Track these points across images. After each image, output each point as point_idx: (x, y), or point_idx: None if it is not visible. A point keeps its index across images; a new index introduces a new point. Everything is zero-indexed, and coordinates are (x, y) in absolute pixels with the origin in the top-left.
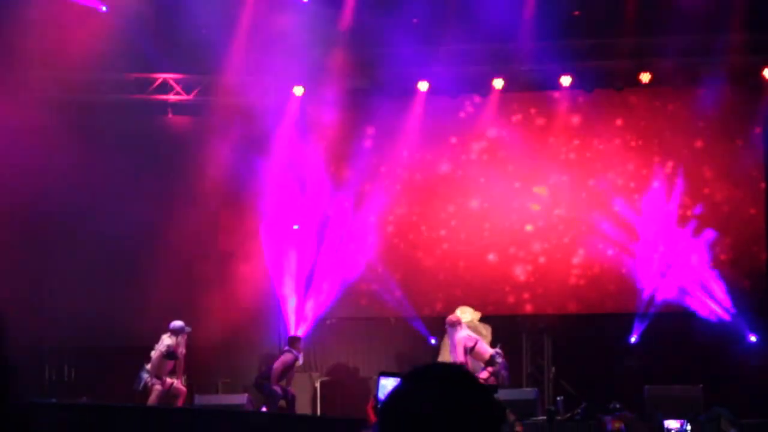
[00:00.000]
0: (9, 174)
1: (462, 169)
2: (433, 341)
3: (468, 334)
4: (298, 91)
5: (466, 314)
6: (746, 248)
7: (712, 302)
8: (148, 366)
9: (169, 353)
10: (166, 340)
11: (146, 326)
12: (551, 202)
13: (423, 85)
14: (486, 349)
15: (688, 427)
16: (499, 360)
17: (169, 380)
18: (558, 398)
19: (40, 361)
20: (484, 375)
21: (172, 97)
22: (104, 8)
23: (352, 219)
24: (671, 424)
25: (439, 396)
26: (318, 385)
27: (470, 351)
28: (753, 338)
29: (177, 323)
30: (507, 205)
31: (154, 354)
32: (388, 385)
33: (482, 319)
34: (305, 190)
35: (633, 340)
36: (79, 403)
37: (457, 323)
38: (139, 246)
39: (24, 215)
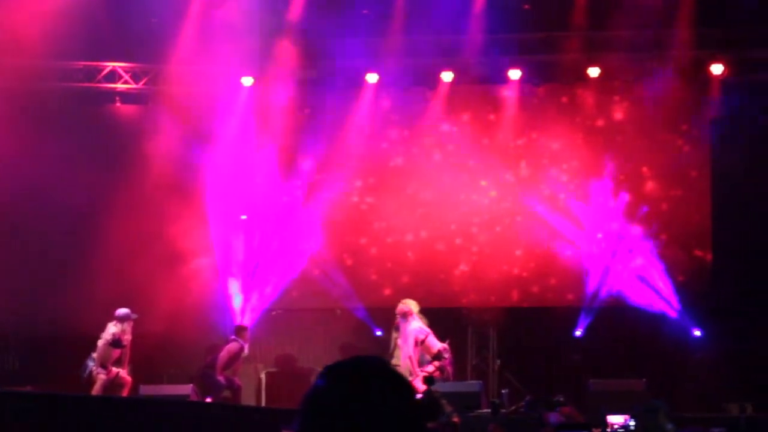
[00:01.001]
0: None
1: (412, 161)
2: (378, 333)
3: (420, 326)
4: (247, 81)
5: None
6: (690, 244)
7: (657, 297)
8: (95, 354)
9: (115, 341)
10: (111, 328)
11: (92, 315)
12: (498, 195)
13: (372, 77)
14: (435, 344)
15: (632, 423)
16: (446, 355)
17: (114, 369)
18: (502, 391)
19: None
20: (430, 369)
21: (120, 86)
22: None
23: (301, 209)
24: (615, 419)
25: (355, 392)
26: (263, 376)
27: (420, 344)
28: (697, 333)
29: (122, 311)
30: (455, 198)
31: (100, 342)
32: None
33: (428, 311)
34: (254, 180)
35: (578, 333)
36: (23, 392)
37: (408, 314)
38: (85, 235)
39: None
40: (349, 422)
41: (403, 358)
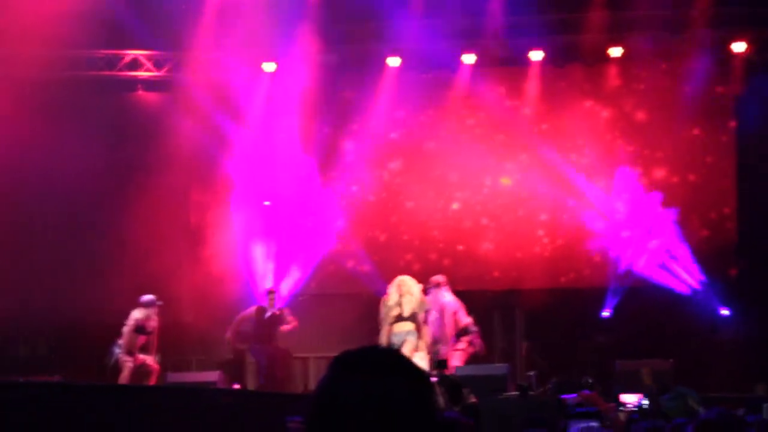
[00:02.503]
0: None
1: (437, 144)
2: None
3: (453, 298)
4: (269, 66)
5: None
6: (716, 223)
7: (683, 277)
8: (121, 341)
9: (138, 327)
10: (135, 314)
11: (120, 302)
12: (522, 177)
13: (394, 61)
14: (463, 318)
15: (645, 402)
16: (474, 329)
17: (141, 356)
18: (529, 373)
19: (15, 337)
20: (462, 345)
21: (142, 74)
22: None
23: (326, 194)
24: (628, 398)
25: (367, 385)
26: (291, 361)
27: (452, 315)
28: (724, 312)
29: (147, 297)
30: (480, 179)
31: (125, 329)
32: None
33: (455, 292)
34: (277, 165)
35: (605, 314)
36: (50, 382)
37: (442, 284)
38: (110, 223)
39: None
40: (357, 417)
41: (434, 328)
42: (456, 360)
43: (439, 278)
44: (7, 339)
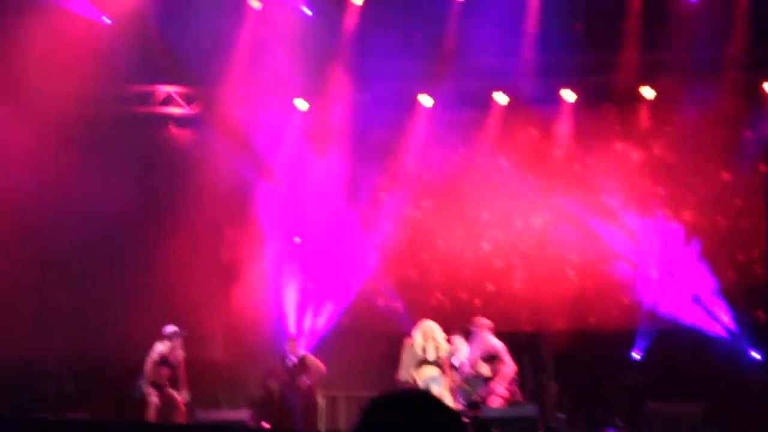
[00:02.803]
0: (8, 190)
1: (468, 183)
2: None
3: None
4: (301, 103)
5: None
6: (744, 266)
7: (714, 319)
8: (146, 374)
9: (162, 359)
10: (159, 347)
11: (149, 338)
12: (553, 217)
13: (425, 99)
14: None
15: None
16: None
17: (170, 392)
18: (558, 415)
19: (42, 373)
20: (500, 390)
21: (174, 110)
22: (107, 21)
23: (358, 230)
24: None
25: (396, 426)
26: (321, 401)
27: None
28: (756, 355)
29: (169, 328)
30: (510, 219)
31: (147, 361)
32: None
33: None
34: (309, 203)
35: (635, 355)
36: (78, 419)
37: (488, 327)
38: (142, 261)
39: (22, 230)
40: None
41: (467, 370)
42: (495, 403)
43: (487, 321)
44: (36, 376)
